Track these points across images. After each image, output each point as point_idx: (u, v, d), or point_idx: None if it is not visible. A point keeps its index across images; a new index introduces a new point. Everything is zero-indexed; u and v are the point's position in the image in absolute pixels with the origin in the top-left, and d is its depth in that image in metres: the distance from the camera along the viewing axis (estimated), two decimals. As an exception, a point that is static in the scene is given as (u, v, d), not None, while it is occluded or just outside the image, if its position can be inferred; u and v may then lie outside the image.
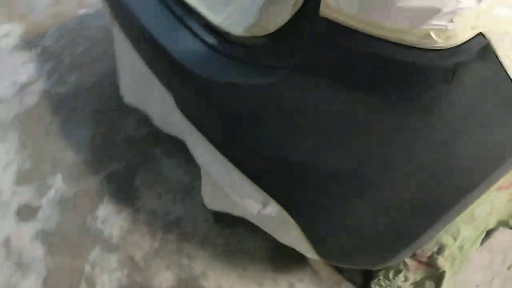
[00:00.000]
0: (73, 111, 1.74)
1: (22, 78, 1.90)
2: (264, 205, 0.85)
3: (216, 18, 0.86)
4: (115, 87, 1.80)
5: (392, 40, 0.53)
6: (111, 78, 1.85)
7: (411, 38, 0.52)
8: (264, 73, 0.71)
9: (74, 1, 2.31)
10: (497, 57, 0.54)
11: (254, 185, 0.84)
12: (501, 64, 0.54)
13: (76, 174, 1.52)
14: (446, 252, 0.95)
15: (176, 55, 0.83)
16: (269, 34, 0.76)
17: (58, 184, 1.49)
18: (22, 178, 1.51)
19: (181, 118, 1.05)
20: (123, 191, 1.47)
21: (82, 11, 2.24)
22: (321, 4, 0.57)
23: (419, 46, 0.52)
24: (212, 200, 1.12)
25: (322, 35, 0.59)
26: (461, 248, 0.96)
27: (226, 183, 0.91)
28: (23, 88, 1.85)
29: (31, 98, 1.81)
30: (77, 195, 1.46)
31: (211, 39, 0.84)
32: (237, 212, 1.02)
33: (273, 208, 0.84)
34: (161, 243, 1.34)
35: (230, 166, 0.87)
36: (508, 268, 1.21)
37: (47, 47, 2.06)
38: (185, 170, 1.53)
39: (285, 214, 0.83)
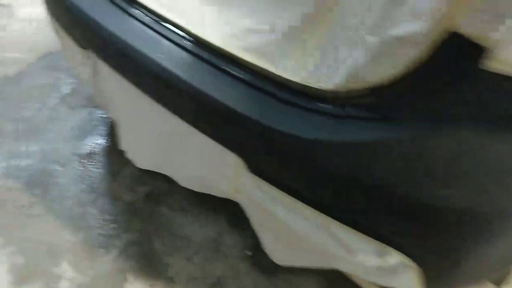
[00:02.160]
0: (55, 185, 1.53)
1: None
2: (380, 255, 0.83)
3: (293, 78, 0.83)
4: (98, 152, 1.63)
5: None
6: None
7: None
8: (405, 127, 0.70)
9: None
10: None
11: (366, 237, 0.82)
12: None
13: (84, 257, 1.34)
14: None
15: (268, 123, 0.78)
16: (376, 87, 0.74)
17: (68, 273, 1.29)
18: (21, 278, 1.28)
19: (239, 180, 0.99)
20: (146, 263, 1.34)
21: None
22: (494, 60, 0.59)
23: None
24: (286, 257, 1.07)
25: (487, 86, 0.62)
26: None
27: (321, 240, 0.87)
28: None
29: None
30: (96, 280, 1.29)
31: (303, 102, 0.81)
32: (324, 265, 0.99)
33: (392, 258, 0.82)
34: (215, 310, 1.24)
35: (330, 222, 0.84)
36: None
37: None
38: (204, 226, 1.43)
39: (406, 263, 0.82)
